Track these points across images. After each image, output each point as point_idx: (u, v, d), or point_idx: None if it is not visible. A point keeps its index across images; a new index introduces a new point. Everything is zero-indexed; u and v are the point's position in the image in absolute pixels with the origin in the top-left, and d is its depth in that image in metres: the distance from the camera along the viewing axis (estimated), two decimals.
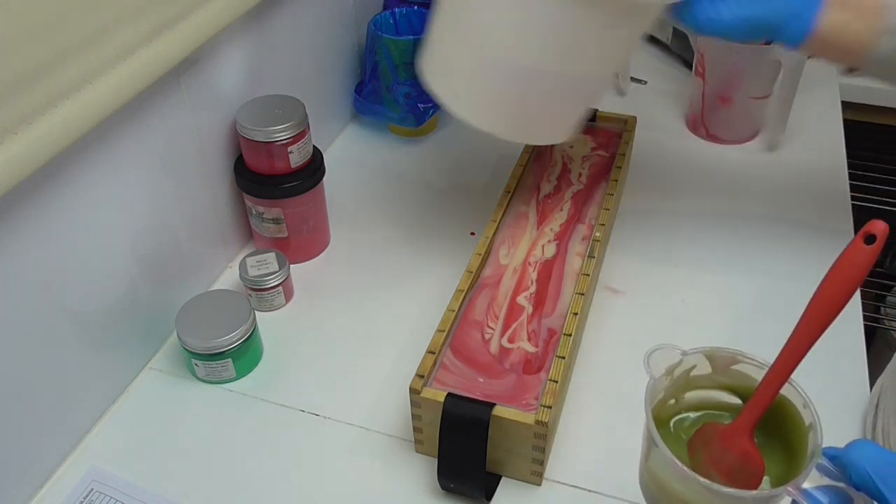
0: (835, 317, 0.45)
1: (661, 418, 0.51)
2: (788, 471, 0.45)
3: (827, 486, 0.41)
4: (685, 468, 0.44)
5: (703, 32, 0.65)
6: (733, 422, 0.48)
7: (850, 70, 0.66)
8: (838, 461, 0.41)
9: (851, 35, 0.63)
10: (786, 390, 0.47)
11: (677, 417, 0.52)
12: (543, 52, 0.63)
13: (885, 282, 1.40)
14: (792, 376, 0.46)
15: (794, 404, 0.48)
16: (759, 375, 0.48)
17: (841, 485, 0.41)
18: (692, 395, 0.52)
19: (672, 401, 0.52)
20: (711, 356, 0.50)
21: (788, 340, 0.46)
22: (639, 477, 0.53)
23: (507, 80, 0.66)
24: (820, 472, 0.42)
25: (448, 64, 0.69)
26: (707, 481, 0.43)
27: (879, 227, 0.43)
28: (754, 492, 0.44)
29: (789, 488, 0.42)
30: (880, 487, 0.38)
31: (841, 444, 0.43)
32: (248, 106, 0.77)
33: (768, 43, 0.81)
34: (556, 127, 0.73)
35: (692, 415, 0.52)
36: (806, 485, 0.42)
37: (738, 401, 0.51)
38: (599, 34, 0.64)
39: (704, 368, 0.51)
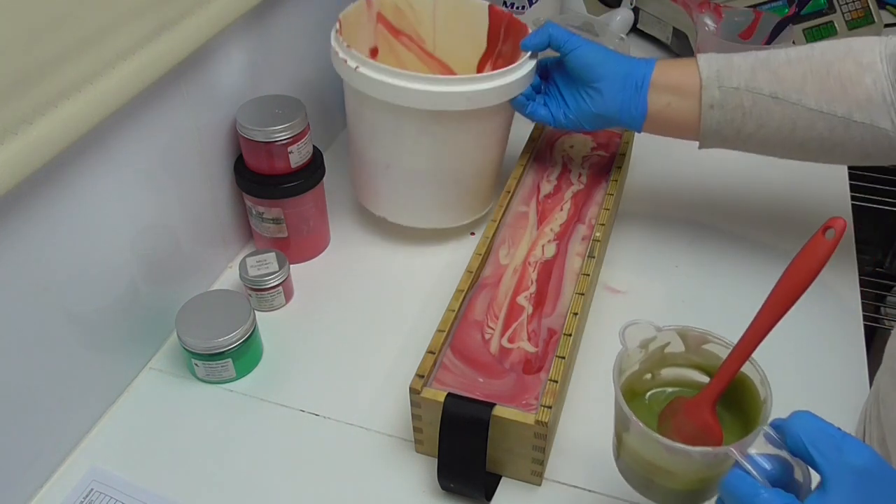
0: (794, 302, 0.48)
1: (636, 390, 0.55)
2: None
3: (772, 455, 0.44)
4: (638, 421, 0.47)
5: (557, 128, 0.77)
6: (697, 395, 0.51)
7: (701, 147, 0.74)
8: (780, 430, 0.44)
9: (681, 114, 0.72)
10: (746, 368, 0.50)
11: (653, 391, 0.56)
12: (430, 162, 0.77)
13: (885, 282, 1.40)
14: (753, 355, 0.50)
15: (754, 381, 0.51)
16: (726, 355, 0.51)
17: (784, 453, 0.43)
18: (667, 372, 0.55)
19: (648, 375, 0.55)
20: (684, 335, 0.53)
21: (752, 322, 0.49)
22: (612, 451, 0.54)
23: (415, 186, 0.79)
24: (767, 441, 0.44)
25: (368, 184, 0.82)
26: (657, 435, 0.47)
27: (839, 223, 0.46)
28: (700, 448, 0.46)
29: (732, 449, 0.44)
30: (811, 452, 0.41)
31: None
32: (248, 106, 0.76)
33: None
34: (477, 205, 0.84)
35: (668, 390, 0.55)
36: (752, 451, 0.44)
37: (708, 380, 0.54)
38: (467, 142, 0.76)
39: (678, 346, 0.54)
